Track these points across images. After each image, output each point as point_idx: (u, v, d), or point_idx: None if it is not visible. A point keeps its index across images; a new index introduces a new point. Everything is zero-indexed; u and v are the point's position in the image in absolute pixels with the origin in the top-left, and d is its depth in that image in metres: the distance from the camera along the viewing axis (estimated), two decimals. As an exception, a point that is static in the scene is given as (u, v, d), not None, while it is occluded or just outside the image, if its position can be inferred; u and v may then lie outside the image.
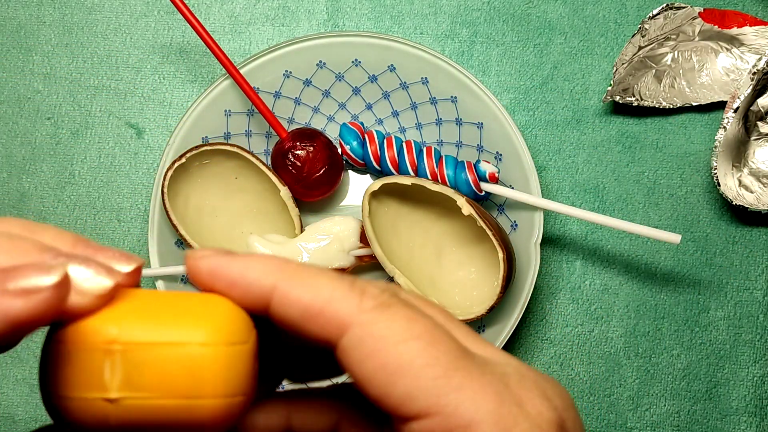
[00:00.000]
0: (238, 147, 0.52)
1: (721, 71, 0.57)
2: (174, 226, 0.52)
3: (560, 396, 0.25)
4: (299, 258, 0.52)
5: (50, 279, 0.21)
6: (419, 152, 0.53)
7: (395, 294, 0.25)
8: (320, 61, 0.54)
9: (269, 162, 0.55)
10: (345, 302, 0.24)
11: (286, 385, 0.46)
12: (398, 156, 0.53)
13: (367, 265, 0.54)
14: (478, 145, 0.54)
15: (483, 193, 0.52)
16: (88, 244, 0.24)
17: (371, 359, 0.23)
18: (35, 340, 0.57)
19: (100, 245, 0.25)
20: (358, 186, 0.56)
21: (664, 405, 0.56)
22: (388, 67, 0.54)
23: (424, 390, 0.23)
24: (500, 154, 0.53)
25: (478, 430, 0.23)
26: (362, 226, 0.52)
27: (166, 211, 0.52)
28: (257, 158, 0.53)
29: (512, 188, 0.53)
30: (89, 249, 0.24)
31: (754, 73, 0.53)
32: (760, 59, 0.54)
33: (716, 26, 0.56)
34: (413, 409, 0.23)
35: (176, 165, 0.51)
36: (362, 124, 0.55)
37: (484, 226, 0.49)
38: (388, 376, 0.23)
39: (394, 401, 0.23)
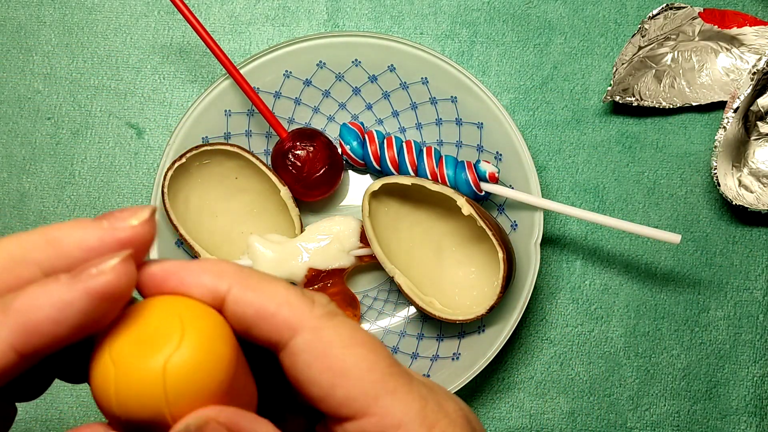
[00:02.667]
0: (239, 147, 0.52)
1: (721, 71, 0.57)
2: (174, 226, 0.52)
3: (459, 400, 0.28)
4: (299, 258, 0.52)
5: (116, 259, 0.24)
6: (419, 152, 0.53)
7: (338, 309, 0.27)
8: (320, 61, 0.54)
9: (269, 162, 0.55)
10: (298, 307, 0.25)
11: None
12: (398, 156, 0.53)
13: (367, 265, 0.54)
14: (478, 145, 0.54)
15: (483, 193, 0.52)
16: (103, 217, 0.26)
17: (319, 361, 0.25)
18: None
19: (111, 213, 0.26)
20: (358, 186, 0.56)
21: (664, 405, 0.56)
22: (388, 67, 0.54)
23: (363, 392, 0.25)
24: (500, 154, 0.53)
25: (408, 429, 0.25)
26: (362, 226, 0.52)
27: (166, 211, 0.52)
28: (257, 158, 0.53)
29: (512, 188, 0.53)
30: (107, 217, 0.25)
31: (754, 73, 0.53)
32: (760, 59, 0.54)
33: (716, 26, 0.56)
34: (352, 409, 0.25)
35: (176, 165, 0.51)
36: (362, 124, 0.55)
37: (484, 226, 0.49)
38: (332, 377, 0.25)
39: (336, 402, 0.25)
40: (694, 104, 0.57)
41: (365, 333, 0.26)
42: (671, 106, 0.57)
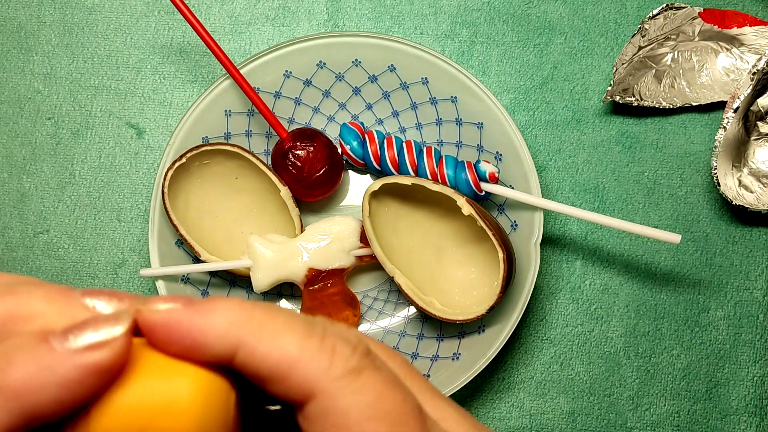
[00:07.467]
0: (239, 147, 0.52)
1: (721, 71, 0.57)
2: (174, 226, 0.52)
3: None
4: (299, 258, 0.52)
5: (120, 328, 0.22)
6: (419, 152, 0.53)
7: (367, 353, 0.23)
8: (320, 61, 0.54)
9: (269, 162, 0.55)
10: (313, 365, 0.22)
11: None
12: (398, 156, 0.53)
13: (367, 265, 0.54)
14: (478, 145, 0.54)
15: (483, 193, 0.52)
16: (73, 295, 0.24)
17: None
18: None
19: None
20: (358, 186, 0.56)
21: (664, 405, 0.56)
22: (388, 67, 0.54)
23: None
24: (500, 154, 0.53)
25: None
26: (362, 226, 0.52)
27: (167, 211, 0.52)
28: (257, 158, 0.53)
29: (512, 188, 0.53)
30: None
31: (754, 73, 0.53)
32: (760, 59, 0.54)
33: (716, 26, 0.56)
34: None
35: (176, 165, 0.51)
36: (362, 124, 0.55)
37: (484, 226, 0.49)
38: None
39: None
40: (694, 104, 0.57)
41: (396, 396, 0.22)
42: (671, 106, 0.57)
